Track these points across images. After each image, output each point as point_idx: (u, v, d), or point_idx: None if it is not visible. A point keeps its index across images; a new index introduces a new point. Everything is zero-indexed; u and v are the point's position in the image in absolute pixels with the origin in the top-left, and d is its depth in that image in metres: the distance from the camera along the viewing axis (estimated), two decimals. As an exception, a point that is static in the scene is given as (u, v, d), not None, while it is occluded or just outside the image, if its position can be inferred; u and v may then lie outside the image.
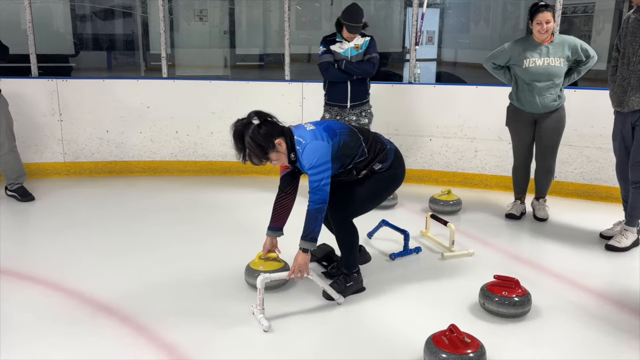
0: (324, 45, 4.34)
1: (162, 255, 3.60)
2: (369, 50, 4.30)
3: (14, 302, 2.96)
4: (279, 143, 2.76)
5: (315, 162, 2.75)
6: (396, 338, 2.65)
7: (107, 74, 8.23)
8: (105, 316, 2.81)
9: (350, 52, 4.28)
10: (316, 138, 2.82)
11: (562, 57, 3.97)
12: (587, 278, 3.32)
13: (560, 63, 3.97)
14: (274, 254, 3.14)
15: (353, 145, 2.92)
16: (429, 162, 5.29)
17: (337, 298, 2.95)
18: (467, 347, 2.32)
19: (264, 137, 2.73)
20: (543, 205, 4.32)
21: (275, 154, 2.79)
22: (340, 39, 4.31)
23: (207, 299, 3.01)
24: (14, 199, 4.67)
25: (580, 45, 3.98)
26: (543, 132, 4.12)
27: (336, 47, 4.31)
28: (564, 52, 3.97)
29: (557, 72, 3.98)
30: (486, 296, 2.86)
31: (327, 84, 4.46)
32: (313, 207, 2.78)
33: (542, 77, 3.99)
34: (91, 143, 5.51)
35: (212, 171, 5.62)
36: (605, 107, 4.59)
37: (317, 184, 2.77)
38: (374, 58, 4.29)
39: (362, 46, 4.29)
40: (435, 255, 3.63)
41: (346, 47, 4.28)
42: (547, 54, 3.97)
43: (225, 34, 8.49)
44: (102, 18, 8.24)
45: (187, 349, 2.53)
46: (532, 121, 4.15)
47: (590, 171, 4.83)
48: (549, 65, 3.97)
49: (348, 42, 4.28)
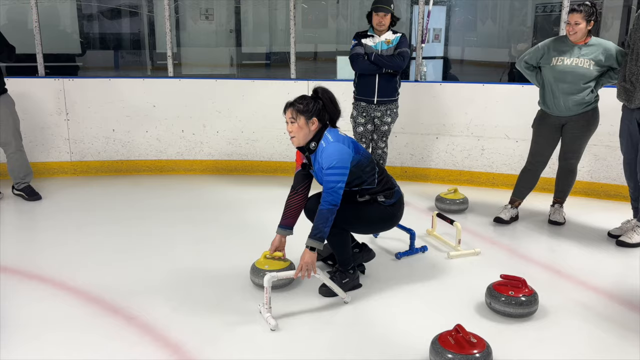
0: (356, 39, 4.43)
1: (168, 254, 3.61)
2: (400, 45, 4.35)
3: (21, 300, 2.97)
4: (313, 122, 2.90)
5: (335, 164, 2.83)
6: (402, 338, 2.64)
7: (114, 73, 8.27)
8: (111, 315, 2.82)
9: (381, 46, 4.34)
10: (343, 142, 2.92)
11: (594, 60, 3.81)
12: (595, 277, 3.29)
13: (590, 65, 3.82)
14: (279, 253, 3.14)
15: (367, 171, 3.01)
16: (435, 160, 5.27)
17: (344, 297, 2.95)
18: (473, 347, 2.30)
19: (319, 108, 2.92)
20: (559, 210, 4.22)
21: (303, 122, 2.89)
22: (372, 33, 4.37)
23: (212, 298, 3.01)
24: (21, 198, 4.69)
25: (617, 53, 3.78)
26: (568, 134, 4.00)
27: (367, 40, 4.38)
28: (596, 55, 3.81)
29: (584, 74, 3.83)
30: (493, 296, 2.84)
31: (356, 77, 4.52)
32: (325, 207, 2.82)
33: (568, 77, 3.86)
34: (97, 142, 5.53)
35: (218, 170, 5.62)
36: (613, 105, 4.55)
37: (333, 185, 2.82)
38: (405, 52, 4.33)
39: (393, 41, 4.35)
40: (441, 254, 3.62)
41: (377, 41, 4.34)
42: (578, 55, 3.84)
43: (232, 33, 8.51)
44: (108, 17, 8.28)
45: (194, 348, 2.53)
46: (558, 126, 4.02)
47: (598, 169, 4.79)
48: (577, 66, 3.83)
49: (379, 37, 4.34)
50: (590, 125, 3.99)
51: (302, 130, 2.91)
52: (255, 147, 5.55)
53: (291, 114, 2.92)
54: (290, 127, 2.93)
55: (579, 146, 4.05)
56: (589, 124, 3.98)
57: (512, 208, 4.25)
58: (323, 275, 2.90)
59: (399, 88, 4.52)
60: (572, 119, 3.96)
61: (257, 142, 5.53)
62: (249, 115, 5.46)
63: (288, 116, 2.93)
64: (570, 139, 4.01)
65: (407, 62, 4.39)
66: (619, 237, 3.81)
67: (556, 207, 4.23)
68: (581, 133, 3.99)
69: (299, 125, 2.90)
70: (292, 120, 2.91)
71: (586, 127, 3.98)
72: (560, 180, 4.21)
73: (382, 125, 4.49)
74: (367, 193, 3.06)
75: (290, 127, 2.93)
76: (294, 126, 2.91)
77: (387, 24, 4.33)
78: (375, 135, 4.55)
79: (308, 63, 5.30)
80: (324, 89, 2.99)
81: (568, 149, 4.06)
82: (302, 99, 2.95)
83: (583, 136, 4.01)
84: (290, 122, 2.92)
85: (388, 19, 4.31)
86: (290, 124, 2.93)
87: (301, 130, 2.91)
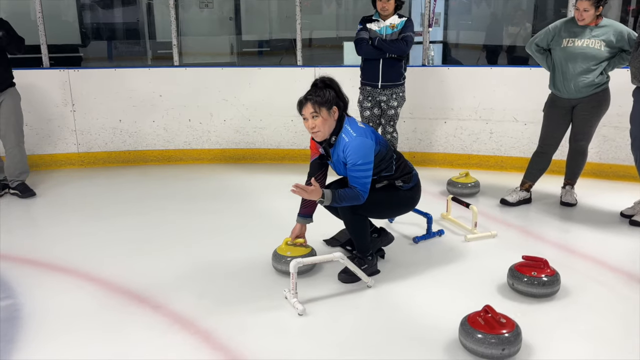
0: (361, 24, 4.46)
1: (187, 244, 3.62)
2: (404, 29, 4.35)
3: (47, 292, 2.98)
4: (334, 111, 2.87)
5: (360, 161, 2.84)
6: (428, 320, 2.67)
7: (117, 63, 8.20)
8: (138, 305, 2.84)
9: (386, 31, 4.36)
10: (365, 135, 2.90)
11: (605, 41, 3.83)
12: (611, 257, 3.33)
13: (601, 46, 3.83)
14: (301, 239, 3.16)
15: (386, 159, 3.03)
16: (444, 145, 5.29)
17: (367, 281, 2.97)
18: (503, 328, 2.34)
19: (334, 96, 2.90)
20: (571, 192, 4.25)
21: (326, 114, 2.85)
22: (377, 17, 4.39)
23: (236, 286, 3.03)
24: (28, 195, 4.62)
25: (629, 34, 3.79)
26: (579, 117, 4.02)
27: (372, 25, 4.40)
28: (607, 36, 3.82)
29: (595, 55, 3.84)
30: (515, 276, 2.87)
31: (362, 63, 4.54)
32: (357, 192, 2.86)
33: (578, 58, 3.88)
34: (104, 133, 5.51)
35: (225, 159, 5.62)
36: (621, 86, 4.57)
37: (363, 180, 2.86)
38: (409, 37, 4.33)
39: (397, 26, 4.36)
40: (458, 237, 3.65)
41: (382, 26, 4.36)
42: (589, 36, 3.85)
43: (231, 20, 8.45)
44: (108, 7, 8.19)
45: (224, 334, 2.55)
46: (569, 109, 4.04)
47: (607, 150, 4.82)
48: (587, 47, 3.85)
49: (384, 22, 4.36)
50: (601, 106, 4.01)
51: (327, 122, 2.86)
52: (262, 135, 5.55)
53: (312, 109, 2.84)
54: (312, 123, 2.85)
55: (590, 128, 4.07)
56: (600, 105, 4.00)
57: (522, 191, 4.28)
58: (347, 261, 2.92)
59: (404, 72, 4.53)
60: (582, 101, 3.97)
61: (264, 130, 5.52)
62: (256, 103, 5.44)
63: (309, 112, 2.85)
64: (581, 121, 4.03)
65: (410, 47, 4.39)
66: (631, 216, 3.85)
67: (567, 189, 4.26)
68: (591, 115, 4.01)
69: (322, 118, 2.84)
70: (315, 114, 2.84)
71: (597, 108, 4.00)
72: (571, 162, 4.23)
73: (388, 109, 4.51)
74: (386, 179, 3.08)
75: (313, 122, 2.85)
76: (317, 120, 2.84)
77: (391, 9, 4.34)
78: (383, 119, 4.57)
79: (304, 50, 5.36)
80: (328, 77, 2.96)
81: (579, 131, 4.08)
82: (316, 91, 2.88)
83: (593, 118, 4.03)
84: (313, 117, 2.84)
85: (392, 3, 4.32)
86: (313, 119, 2.85)
87: (326, 123, 2.86)
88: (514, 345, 2.33)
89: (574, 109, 4.04)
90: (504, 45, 8.03)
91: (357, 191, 2.86)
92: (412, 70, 4.88)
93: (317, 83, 2.93)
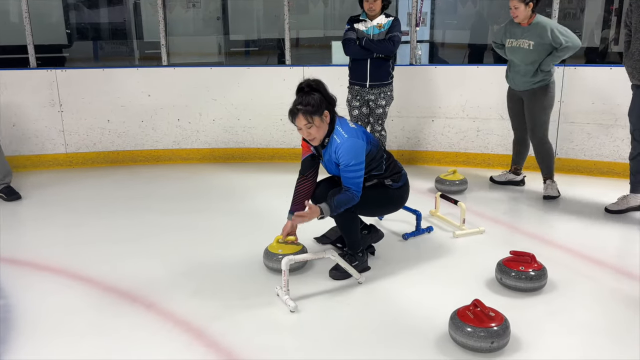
0: (349, 23, 4.48)
1: (178, 242, 3.63)
2: (391, 29, 4.38)
3: (37, 292, 2.98)
4: (325, 115, 2.90)
5: (352, 162, 2.89)
6: (418, 314, 2.71)
7: (102, 63, 8.15)
8: (130, 303, 2.84)
9: (373, 31, 4.39)
10: (357, 136, 2.95)
11: (533, 40, 4.10)
12: (598, 251, 3.39)
13: (530, 46, 4.12)
14: (292, 237, 3.18)
15: (377, 158, 3.07)
16: (432, 143, 5.34)
17: (358, 277, 3.01)
18: (492, 321, 2.38)
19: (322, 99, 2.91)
20: (551, 185, 4.36)
21: (319, 121, 2.87)
22: (365, 17, 4.42)
23: (228, 284, 3.05)
24: (21, 193, 4.60)
25: (552, 32, 4.03)
26: (526, 109, 4.30)
27: (360, 25, 4.43)
28: (535, 36, 4.09)
29: (525, 55, 4.15)
30: (503, 271, 2.92)
31: (350, 62, 4.58)
32: (352, 195, 2.91)
33: (515, 56, 4.24)
34: (93, 133, 5.49)
35: (214, 158, 5.63)
36: (604, 84, 4.66)
37: (355, 180, 2.91)
38: (396, 37, 4.37)
39: (385, 25, 4.39)
40: (446, 234, 3.69)
41: (369, 26, 4.40)
42: (521, 36, 4.16)
43: (219, 20, 8.44)
44: (94, 7, 8.14)
45: (216, 332, 2.57)
46: (519, 99, 4.35)
47: (591, 147, 4.90)
48: (520, 47, 4.18)
49: (372, 21, 4.39)
50: (541, 101, 4.22)
51: (321, 128, 2.90)
52: (252, 135, 5.56)
53: (305, 120, 2.85)
54: (307, 132, 2.88)
55: (535, 120, 4.27)
56: (540, 100, 4.21)
57: (509, 173, 4.58)
58: (338, 257, 2.95)
59: (392, 71, 4.57)
60: (525, 94, 4.28)
61: (253, 129, 5.54)
62: (245, 102, 5.46)
63: (302, 123, 2.86)
64: (528, 113, 4.30)
65: (397, 47, 4.44)
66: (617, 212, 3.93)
67: (548, 183, 4.38)
68: (534, 108, 4.25)
69: (316, 126, 2.88)
70: (309, 124, 2.86)
71: (538, 102, 4.23)
72: (537, 157, 4.40)
73: (377, 108, 4.55)
74: (375, 178, 3.12)
75: (308, 132, 2.88)
76: (312, 129, 2.88)
77: (378, 9, 4.37)
78: (372, 118, 4.61)
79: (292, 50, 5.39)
80: (313, 80, 2.97)
81: (528, 123, 4.33)
82: (304, 99, 2.87)
83: (536, 111, 4.25)
84: (307, 128, 2.87)
85: (379, 4, 4.35)
86: (307, 130, 2.88)
87: (320, 129, 2.90)
88: (503, 338, 2.37)
89: (523, 102, 4.33)
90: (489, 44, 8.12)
91: (351, 192, 2.90)
92: (399, 69, 4.92)
93: (303, 87, 2.93)
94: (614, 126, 4.74)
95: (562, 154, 4.98)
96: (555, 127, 4.92)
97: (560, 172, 4.96)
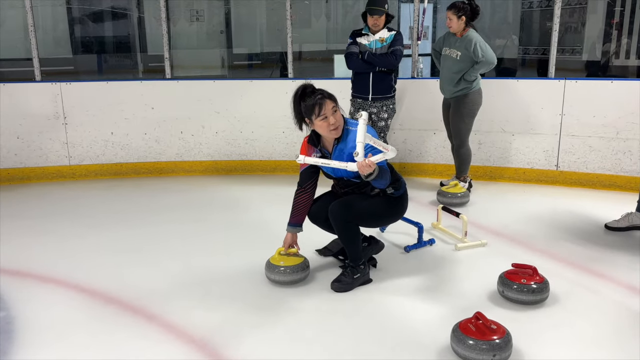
0: (352, 37, 4.54)
1: (180, 253, 3.64)
2: (394, 43, 4.45)
3: (39, 303, 2.98)
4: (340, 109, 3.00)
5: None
6: (421, 327, 2.71)
7: (109, 76, 8.22)
8: (132, 315, 2.85)
9: (375, 45, 4.45)
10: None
11: (460, 51, 4.44)
12: (600, 264, 3.39)
13: (457, 56, 4.46)
14: (294, 249, 3.19)
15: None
16: (433, 155, 5.35)
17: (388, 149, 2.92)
18: (494, 334, 2.38)
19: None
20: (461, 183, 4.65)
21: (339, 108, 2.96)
22: (367, 31, 4.48)
23: (230, 296, 3.05)
24: (24, 204, 4.63)
25: (474, 46, 4.36)
26: (450, 115, 4.66)
27: (362, 39, 4.50)
28: (462, 47, 4.43)
29: (452, 64, 4.49)
30: (505, 284, 2.92)
31: (353, 76, 4.66)
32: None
33: (446, 64, 4.57)
34: (96, 145, 5.52)
35: (217, 170, 5.65)
36: (605, 97, 4.69)
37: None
38: (398, 50, 4.43)
39: (387, 39, 4.45)
40: (448, 246, 3.70)
41: (371, 40, 4.46)
42: (453, 46, 4.50)
43: (222, 34, 8.51)
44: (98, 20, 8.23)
45: (218, 343, 2.57)
46: (448, 106, 4.69)
47: (593, 160, 4.91)
48: (449, 56, 4.53)
49: (374, 35, 4.45)
50: (462, 109, 4.55)
51: (338, 116, 2.97)
52: (254, 147, 5.58)
53: (333, 103, 2.94)
54: (334, 118, 2.93)
55: (456, 127, 4.62)
56: (461, 108, 4.54)
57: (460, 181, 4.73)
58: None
59: (395, 85, 4.62)
60: (449, 102, 4.65)
61: (256, 142, 5.57)
62: (248, 115, 5.49)
63: (330, 107, 2.92)
64: (451, 119, 4.66)
65: (399, 60, 4.49)
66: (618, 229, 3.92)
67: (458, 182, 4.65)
68: (455, 115, 4.60)
69: (339, 111, 2.97)
70: (335, 108, 2.94)
71: (459, 110, 4.56)
72: (455, 158, 4.77)
73: (379, 121, 4.59)
74: None
75: (334, 117, 2.93)
76: (337, 115, 2.95)
77: (381, 24, 4.44)
78: None
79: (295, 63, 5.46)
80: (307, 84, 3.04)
81: (452, 128, 4.68)
82: (319, 90, 2.98)
83: (456, 118, 4.59)
84: (334, 112, 2.93)
85: (382, 19, 4.43)
86: (334, 114, 2.93)
87: (338, 119, 2.97)
88: (505, 351, 2.37)
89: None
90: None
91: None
92: (401, 83, 4.96)
93: (306, 87, 3.02)
94: (616, 139, 4.76)
95: (563, 166, 4.99)
96: (557, 140, 4.94)
97: (562, 185, 4.99)
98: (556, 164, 5.01)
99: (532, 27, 8.46)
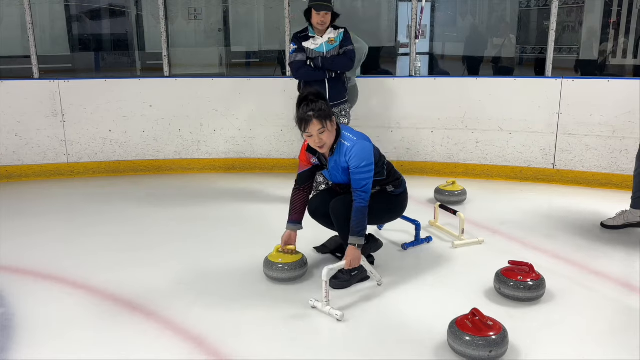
0: (295, 42, 4.04)
1: (178, 251, 3.65)
2: (344, 42, 4.02)
3: (38, 300, 2.99)
4: (332, 121, 2.91)
5: (364, 163, 2.91)
6: (418, 324, 2.72)
7: (108, 74, 8.22)
8: (130, 312, 2.86)
9: (326, 47, 4.00)
10: (365, 139, 3.00)
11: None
12: (596, 262, 3.41)
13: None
14: (292, 246, 3.20)
15: (379, 164, 3.10)
16: (431, 154, 5.37)
17: (378, 279, 3.11)
18: (490, 330, 2.40)
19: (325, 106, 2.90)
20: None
21: (330, 126, 2.89)
22: (313, 33, 4.02)
23: (228, 292, 3.06)
24: (23, 202, 4.64)
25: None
26: None
27: (309, 43, 4.01)
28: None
29: None
30: (502, 281, 2.94)
31: (301, 84, 4.13)
32: (361, 205, 2.92)
33: None
34: (94, 143, 5.52)
35: (215, 168, 5.66)
36: (602, 96, 4.71)
37: (365, 182, 2.92)
38: (350, 51, 4.02)
39: (336, 39, 4.01)
40: (446, 244, 3.71)
41: (320, 42, 4.00)
42: None
43: (220, 32, 8.51)
44: (96, 18, 8.23)
45: (216, 340, 2.58)
46: None
47: (590, 159, 4.93)
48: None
49: (321, 37, 4.00)
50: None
51: (331, 133, 2.91)
52: (252, 145, 5.60)
53: (320, 125, 2.83)
54: (319, 139, 2.86)
55: None
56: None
57: None
58: (366, 262, 3.03)
59: (347, 84, 4.28)
60: None
61: (254, 140, 5.58)
62: (246, 113, 5.50)
63: (316, 128, 2.83)
64: None
65: (355, 60, 4.10)
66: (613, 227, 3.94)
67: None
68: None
69: (328, 131, 2.87)
70: (322, 129, 2.84)
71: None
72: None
73: None
74: (378, 184, 3.14)
75: (320, 138, 2.86)
76: (324, 135, 2.86)
77: (328, 21, 3.96)
78: None
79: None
80: (315, 89, 2.98)
81: None
82: (314, 106, 2.84)
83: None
84: (320, 134, 2.85)
85: (329, 16, 3.95)
86: (319, 136, 2.86)
87: (331, 135, 2.91)
88: (501, 348, 2.38)
89: None
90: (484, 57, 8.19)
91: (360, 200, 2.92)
92: (400, 81, 4.98)
93: (307, 96, 2.91)
94: (612, 138, 4.78)
95: (560, 165, 5.01)
96: (554, 139, 4.96)
97: (559, 183, 5.02)
98: (553, 162, 5.03)
99: (530, 26, 8.47)
